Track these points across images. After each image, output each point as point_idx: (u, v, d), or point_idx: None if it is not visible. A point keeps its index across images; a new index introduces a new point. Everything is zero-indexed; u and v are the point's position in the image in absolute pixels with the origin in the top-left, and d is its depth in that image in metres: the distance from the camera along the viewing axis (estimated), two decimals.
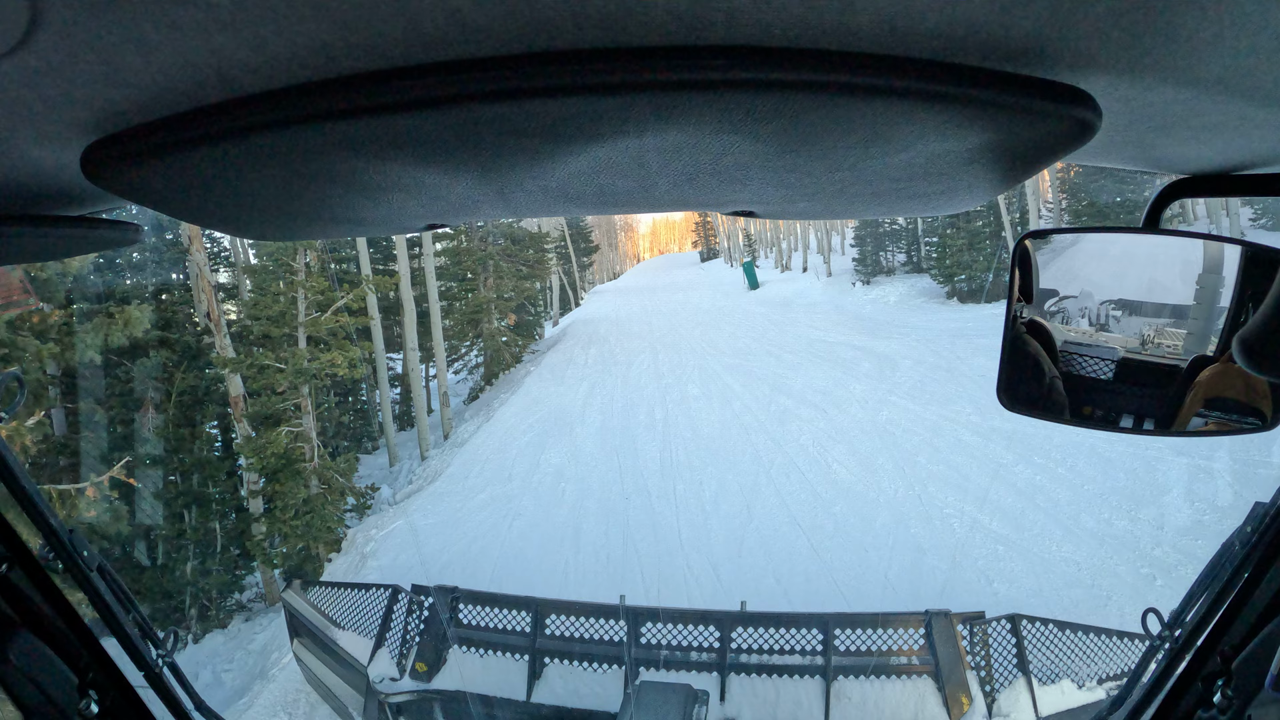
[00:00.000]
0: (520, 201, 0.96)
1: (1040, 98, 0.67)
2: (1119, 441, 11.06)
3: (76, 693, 1.51)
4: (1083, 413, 1.19)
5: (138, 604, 1.85)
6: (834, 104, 0.65)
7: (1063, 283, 1.18)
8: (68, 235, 1.14)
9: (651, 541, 11.49)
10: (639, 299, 44.68)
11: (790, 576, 9.70)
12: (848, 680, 4.87)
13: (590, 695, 4.99)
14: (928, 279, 29.77)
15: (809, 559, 10.15)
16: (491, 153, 0.74)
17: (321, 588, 6.13)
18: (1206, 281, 1.08)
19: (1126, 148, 1.01)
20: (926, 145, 0.74)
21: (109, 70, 0.60)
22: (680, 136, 0.71)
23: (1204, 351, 1.09)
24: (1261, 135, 0.94)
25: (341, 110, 0.64)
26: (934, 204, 1.05)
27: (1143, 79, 0.73)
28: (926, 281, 29.77)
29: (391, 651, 5.39)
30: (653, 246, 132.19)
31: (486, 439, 18.91)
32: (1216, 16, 0.61)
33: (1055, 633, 4.76)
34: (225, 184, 0.81)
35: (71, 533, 1.61)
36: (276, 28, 0.55)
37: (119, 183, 0.78)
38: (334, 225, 1.10)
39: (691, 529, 11.70)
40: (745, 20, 0.57)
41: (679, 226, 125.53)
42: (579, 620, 5.24)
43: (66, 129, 0.73)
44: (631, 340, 28.51)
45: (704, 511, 12.24)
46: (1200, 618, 1.65)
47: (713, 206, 1.09)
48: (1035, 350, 1.19)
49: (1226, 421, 1.09)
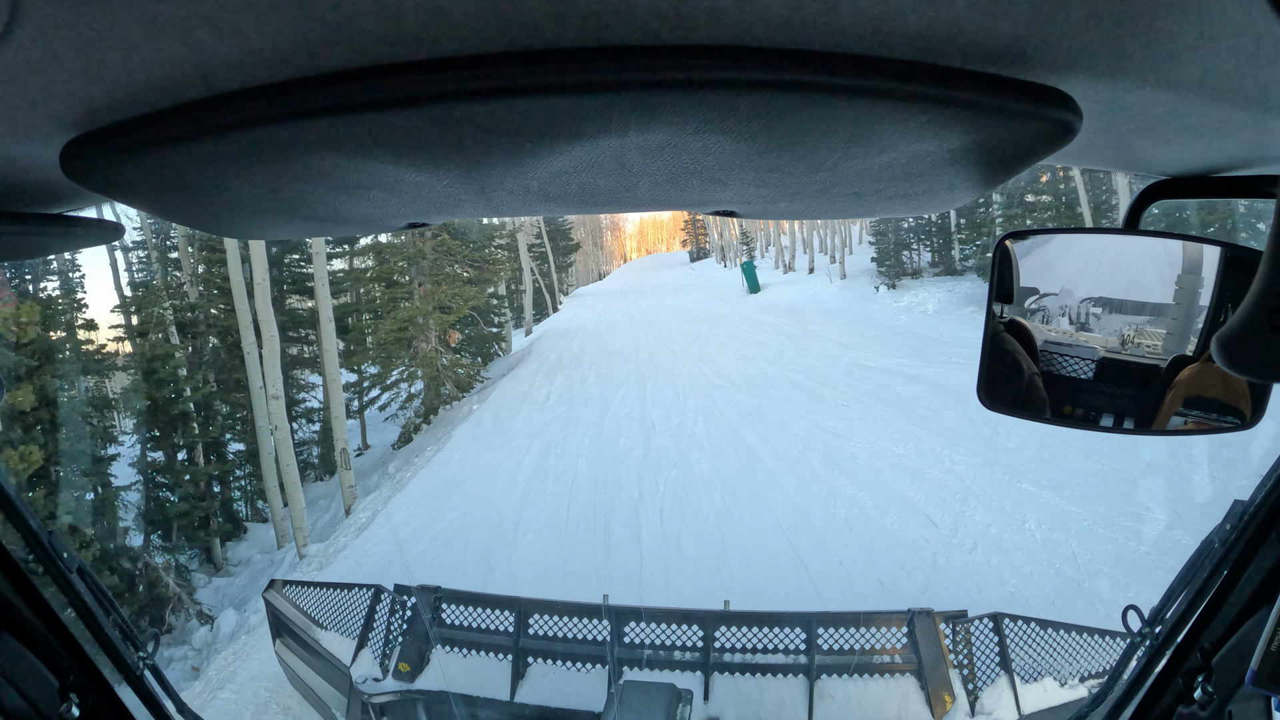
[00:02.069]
0: (502, 200, 0.96)
1: (1021, 99, 0.68)
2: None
3: (57, 696, 1.49)
4: (1063, 412, 1.19)
5: (118, 605, 1.83)
6: (816, 104, 0.65)
7: (1046, 279, 1.19)
8: (46, 233, 1.13)
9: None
10: (625, 304, 39.14)
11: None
12: (831, 679, 4.88)
13: (574, 695, 4.97)
14: (968, 282, 24.54)
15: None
16: (473, 151, 0.73)
17: (304, 587, 6.08)
18: (1186, 282, 1.09)
19: (1107, 149, 1.02)
20: (908, 146, 0.74)
21: (89, 66, 0.60)
22: (662, 136, 0.71)
23: (1183, 351, 1.10)
24: (1241, 138, 0.95)
25: (322, 108, 0.63)
26: (915, 204, 1.05)
27: (1123, 81, 0.73)
28: (967, 285, 24.12)
29: (374, 652, 5.35)
30: (640, 246, 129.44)
31: (369, 551, 11.14)
32: (1197, 20, 0.61)
33: (1037, 631, 4.78)
34: (205, 182, 0.81)
35: (51, 534, 1.59)
36: (257, 24, 0.54)
37: (99, 180, 0.78)
38: (314, 224, 1.10)
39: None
40: (728, 20, 0.57)
41: (667, 226, 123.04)
42: (562, 620, 5.23)
43: (46, 125, 0.72)
44: (612, 362, 21.63)
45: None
46: (1180, 615, 1.67)
47: (694, 206, 1.09)
48: (1015, 350, 1.19)
49: (1206, 420, 1.10)
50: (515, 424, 16.34)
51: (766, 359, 19.19)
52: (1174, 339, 1.10)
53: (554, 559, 9.19)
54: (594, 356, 22.97)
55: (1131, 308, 1.13)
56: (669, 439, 13.32)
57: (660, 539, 9.22)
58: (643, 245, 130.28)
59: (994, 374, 1.22)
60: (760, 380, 16.83)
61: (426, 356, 22.61)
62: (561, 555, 9.26)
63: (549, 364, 22.93)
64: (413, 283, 23.12)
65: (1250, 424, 1.08)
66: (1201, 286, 1.08)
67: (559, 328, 32.75)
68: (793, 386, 15.74)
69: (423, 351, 22.63)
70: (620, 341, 25.53)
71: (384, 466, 19.10)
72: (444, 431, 18.33)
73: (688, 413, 14.91)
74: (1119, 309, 1.13)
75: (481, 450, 14.83)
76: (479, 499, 11.83)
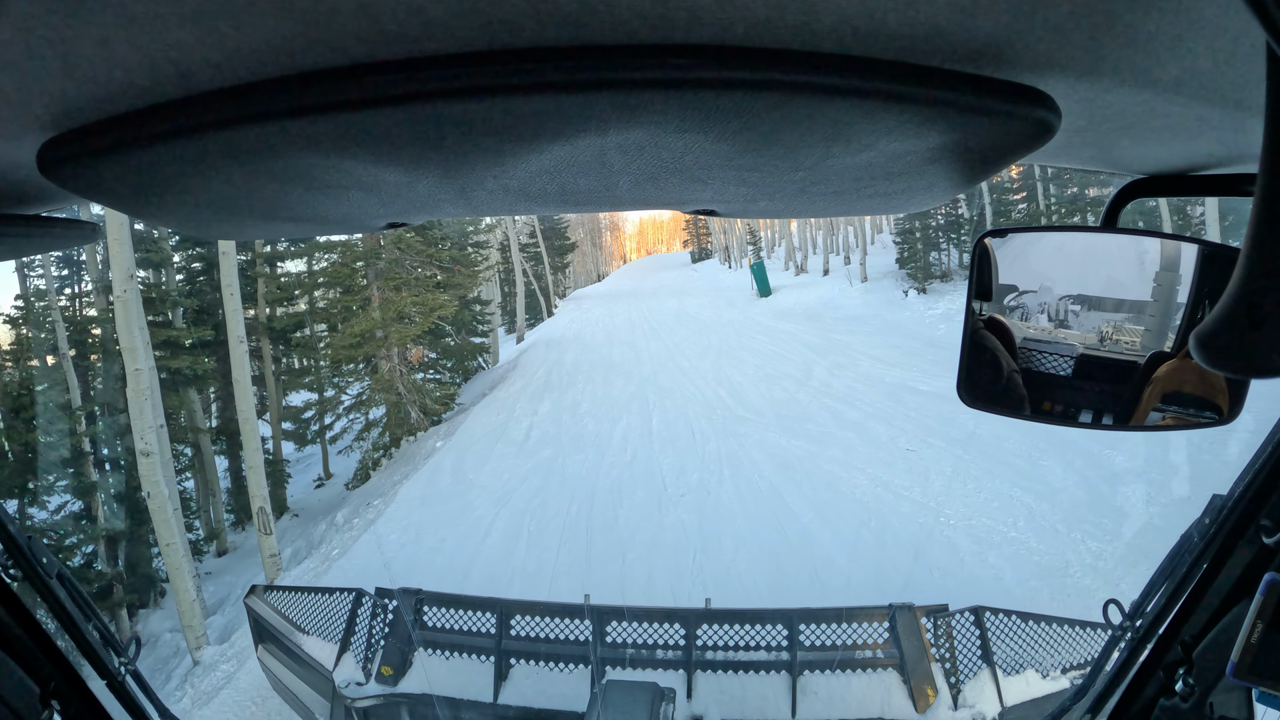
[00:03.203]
0: (482, 200, 0.96)
1: (1000, 98, 0.68)
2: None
3: (39, 703, 1.47)
4: (1042, 408, 1.20)
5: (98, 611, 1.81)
6: (796, 103, 0.65)
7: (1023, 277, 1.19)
8: (23, 234, 1.12)
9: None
10: (624, 308, 35.76)
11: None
12: (814, 675, 4.89)
13: (557, 695, 4.96)
14: None
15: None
16: (453, 150, 0.73)
17: (285, 592, 6.04)
18: (1164, 279, 1.10)
19: (1086, 148, 1.02)
20: (888, 145, 0.75)
21: (66, 65, 0.59)
22: (642, 135, 0.71)
23: (1162, 348, 1.11)
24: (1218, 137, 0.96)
25: (301, 107, 0.63)
26: (895, 203, 1.06)
27: (1101, 81, 0.74)
28: None
29: (357, 656, 5.32)
30: (640, 246, 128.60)
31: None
32: (1175, 20, 0.62)
33: (1018, 623, 4.81)
34: (183, 182, 0.80)
35: (30, 539, 1.58)
36: (236, 23, 0.54)
37: (76, 180, 0.77)
38: (293, 224, 1.09)
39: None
40: (708, 19, 0.57)
41: (667, 226, 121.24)
42: (544, 621, 5.22)
43: (22, 125, 0.72)
44: (610, 381, 18.20)
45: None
46: (1160, 608, 1.68)
47: (674, 205, 1.09)
48: (994, 347, 1.20)
49: (1184, 416, 1.11)
50: (481, 478, 12.55)
51: (793, 379, 15.99)
52: (1152, 335, 1.11)
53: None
54: (589, 373, 19.82)
55: (1110, 305, 1.14)
56: (690, 511, 9.55)
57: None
58: (643, 245, 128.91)
59: (973, 371, 1.23)
60: (792, 409, 13.54)
61: (383, 379, 19.16)
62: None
63: (535, 383, 19.68)
64: (369, 288, 19.59)
65: (1228, 419, 1.09)
66: (1179, 283, 1.09)
67: (551, 336, 29.47)
68: (834, 419, 12.56)
69: (382, 371, 19.20)
70: (619, 354, 22.36)
71: (333, 514, 15.60)
72: (402, 472, 15.37)
73: (709, 462, 11.25)
74: (1098, 306, 1.14)
75: (425, 528, 10.97)
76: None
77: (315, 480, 20.79)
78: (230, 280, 12.75)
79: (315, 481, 20.74)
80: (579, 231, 73.80)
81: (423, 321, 19.48)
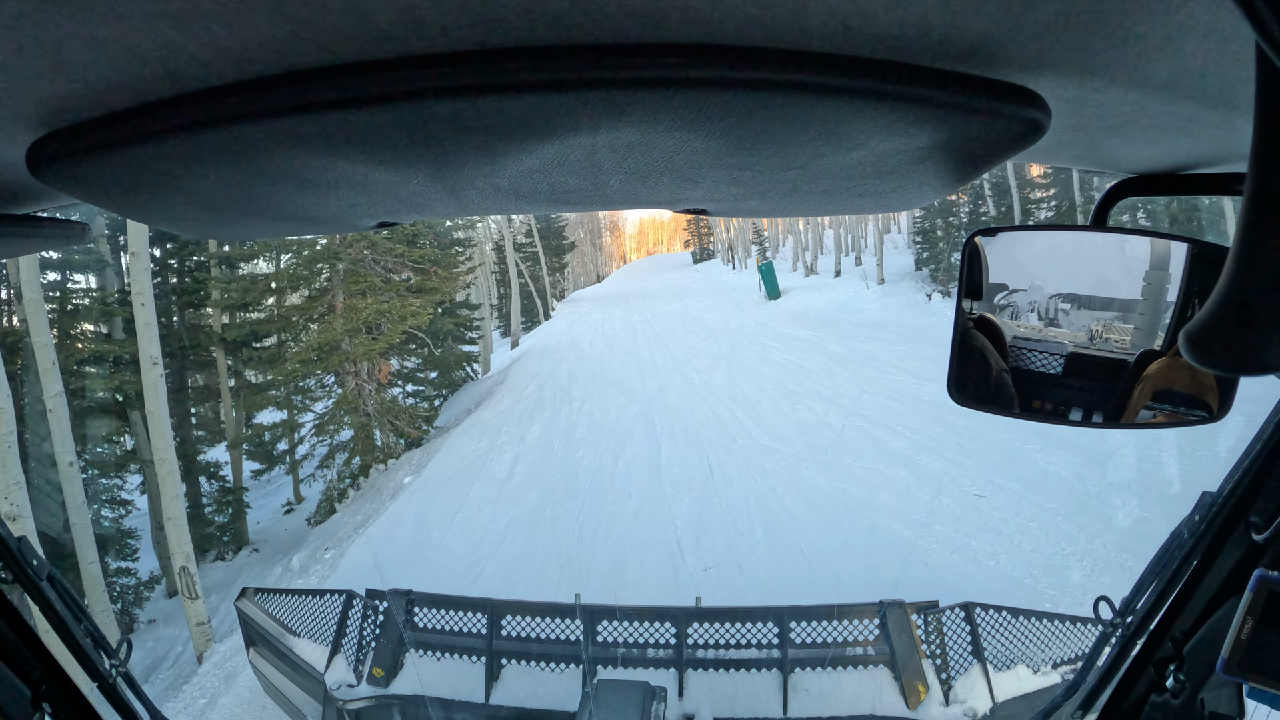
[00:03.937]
0: (472, 199, 0.95)
1: (991, 97, 0.68)
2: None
3: (30, 706, 1.47)
4: (1032, 406, 1.20)
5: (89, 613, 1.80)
6: (787, 103, 0.65)
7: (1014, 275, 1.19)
8: (13, 234, 1.11)
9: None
10: (625, 311, 33.47)
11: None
12: (805, 672, 4.90)
13: (549, 695, 4.95)
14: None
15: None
16: (443, 149, 0.73)
17: (276, 594, 6.02)
18: (1153, 278, 1.10)
19: (1075, 147, 1.03)
20: (878, 144, 0.75)
21: (56, 64, 0.59)
22: (633, 134, 0.71)
23: (1151, 346, 1.11)
24: (1207, 136, 0.96)
25: (291, 106, 0.63)
26: (885, 202, 1.06)
27: (1092, 80, 0.74)
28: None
29: (348, 658, 5.31)
30: (640, 246, 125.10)
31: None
32: (1165, 20, 0.62)
33: (1009, 619, 4.82)
34: (173, 181, 0.80)
35: (20, 541, 1.57)
36: (226, 22, 0.54)
37: (66, 180, 0.77)
38: (283, 223, 1.09)
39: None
40: (699, 18, 0.57)
41: (668, 226, 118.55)
42: (535, 620, 5.21)
43: (12, 124, 0.71)
44: (609, 400, 15.84)
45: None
46: (1151, 604, 1.69)
47: (665, 204, 1.09)
48: (984, 345, 1.20)
49: (1174, 414, 1.12)
50: (448, 537, 10.25)
51: (820, 396, 13.72)
52: (1142, 334, 1.11)
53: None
54: (585, 389, 17.45)
55: (1100, 303, 1.14)
56: (719, 597, 6.71)
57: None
58: (643, 246, 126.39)
59: (963, 370, 1.23)
60: (824, 437, 11.38)
61: (348, 398, 16.90)
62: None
63: (525, 402, 17.33)
64: (332, 293, 17.07)
65: (1218, 417, 1.10)
66: (1169, 282, 1.09)
67: (547, 343, 27.16)
68: (876, 450, 10.41)
69: (350, 388, 16.93)
70: (620, 366, 19.86)
71: (289, 557, 13.29)
72: (366, 511, 13.33)
73: (735, 515, 9.01)
74: (1087, 304, 1.15)
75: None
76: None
77: (285, 505, 19.23)
78: (142, 288, 10.53)
79: (284, 506, 19.19)
80: (578, 231, 72.91)
81: (391, 332, 17.14)
